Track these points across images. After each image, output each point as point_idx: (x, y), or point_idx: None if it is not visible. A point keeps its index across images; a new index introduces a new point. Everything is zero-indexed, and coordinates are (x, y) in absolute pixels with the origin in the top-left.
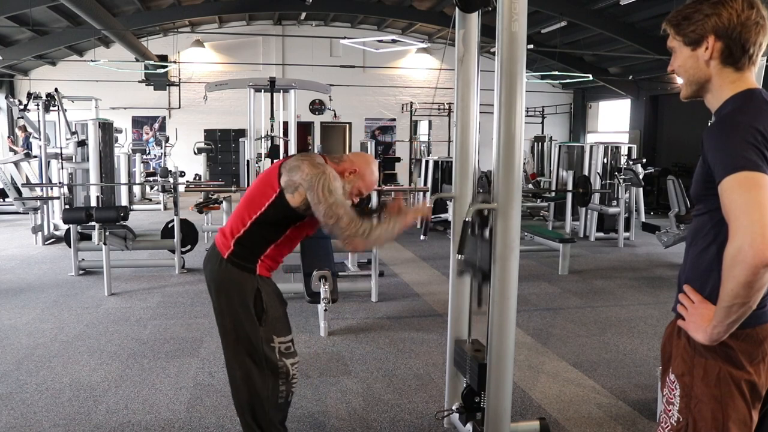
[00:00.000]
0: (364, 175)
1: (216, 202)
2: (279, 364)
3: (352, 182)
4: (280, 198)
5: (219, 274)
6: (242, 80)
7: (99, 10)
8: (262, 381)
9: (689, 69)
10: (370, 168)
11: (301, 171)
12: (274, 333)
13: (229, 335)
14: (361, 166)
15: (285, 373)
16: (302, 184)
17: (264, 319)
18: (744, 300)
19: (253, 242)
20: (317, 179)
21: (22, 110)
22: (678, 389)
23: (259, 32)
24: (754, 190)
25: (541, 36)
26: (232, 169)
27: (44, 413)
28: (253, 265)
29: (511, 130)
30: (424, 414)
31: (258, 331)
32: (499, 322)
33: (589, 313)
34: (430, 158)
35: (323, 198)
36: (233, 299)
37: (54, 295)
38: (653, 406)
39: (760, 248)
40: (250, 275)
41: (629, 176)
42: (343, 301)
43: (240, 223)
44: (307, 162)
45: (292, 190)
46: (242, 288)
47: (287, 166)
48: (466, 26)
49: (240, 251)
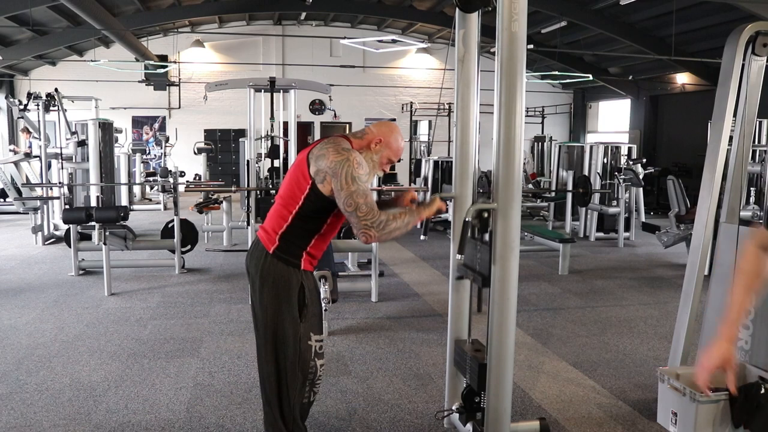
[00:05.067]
0: (390, 143)
1: (216, 202)
2: (310, 364)
3: (380, 152)
4: (314, 189)
5: (264, 268)
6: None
7: (99, 10)
8: (293, 379)
9: None
10: (394, 135)
11: (326, 158)
12: (311, 330)
13: (268, 329)
14: (385, 135)
15: (313, 373)
16: (327, 171)
17: (304, 314)
18: None
19: (297, 236)
20: (341, 166)
21: (22, 110)
22: None
23: (259, 32)
24: None
25: (541, 36)
26: (232, 169)
27: (44, 413)
28: (298, 260)
29: (511, 130)
30: (424, 414)
31: (299, 327)
32: (499, 322)
33: (589, 313)
34: (430, 158)
35: (345, 185)
36: (279, 293)
37: (54, 295)
38: (653, 406)
39: None
40: (296, 270)
41: (629, 176)
42: (343, 301)
43: (281, 219)
44: (332, 148)
45: (321, 178)
46: (288, 282)
47: (314, 155)
48: (466, 26)
49: (285, 246)
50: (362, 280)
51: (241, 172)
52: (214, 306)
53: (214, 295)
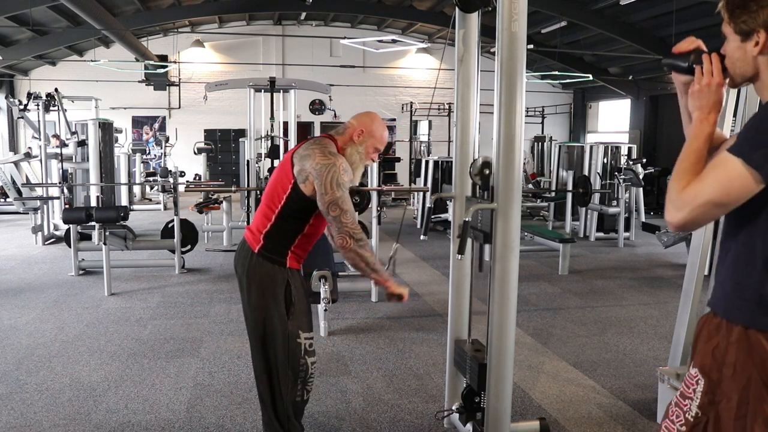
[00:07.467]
0: (372, 131)
1: (216, 202)
2: (301, 362)
3: (364, 142)
4: (295, 189)
5: (250, 267)
6: (242, 80)
7: (99, 10)
8: (283, 377)
9: (736, 61)
10: (375, 123)
11: (312, 159)
12: (299, 327)
13: (258, 329)
14: (366, 125)
15: (304, 371)
16: (311, 172)
17: (292, 312)
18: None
19: (281, 235)
20: (327, 170)
21: (22, 110)
22: (701, 384)
23: (259, 32)
24: (728, 177)
25: (541, 36)
26: (232, 169)
27: (44, 413)
28: (283, 259)
29: (511, 130)
30: (424, 414)
31: (287, 325)
32: (499, 322)
33: (589, 313)
34: (430, 158)
35: (330, 190)
36: (265, 292)
37: (54, 295)
38: (653, 406)
39: (672, 218)
40: (281, 268)
41: (629, 176)
42: (343, 301)
43: (265, 218)
44: (318, 150)
45: (303, 178)
46: (273, 280)
47: (299, 155)
48: (466, 26)
49: (270, 245)
50: (362, 280)
51: (241, 172)
52: (214, 306)
53: (214, 295)
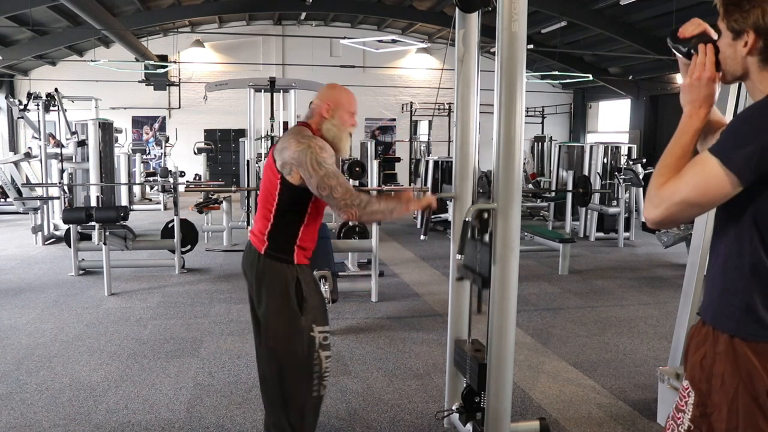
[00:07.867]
0: (338, 99)
1: (216, 202)
2: (314, 356)
3: (335, 114)
4: (283, 182)
5: (259, 269)
6: (242, 80)
7: (99, 10)
8: (299, 377)
9: (726, 58)
10: (337, 91)
11: (288, 149)
12: (314, 322)
13: (268, 329)
14: (329, 97)
15: (319, 365)
16: (293, 162)
17: (304, 307)
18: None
19: (283, 232)
20: (304, 154)
21: (22, 110)
22: (692, 397)
23: (259, 32)
24: (705, 177)
25: (541, 36)
26: (232, 169)
27: (44, 413)
28: (290, 256)
29: (511, 130)
30: (424, 414)
31: (300, 321)
32: (499, 322)
33: (589, 313)
34: (430, 158)
35: (313, 171)
36: (274, 290)
37: (54, 295)
38: (653, 406)
39: (649, 214)
40: (289, 266)
41: (629, 176)
42: (343, 301)
43: (265, 219)
44: (292, 139)
45: (288, 170)
46: (283, 278)
47: (278, 149)
48: (466, 26)
49: (274, 244)
50: (362, 280)
51: (241, 172)
52: (214, 306)
53: (214, 295)
